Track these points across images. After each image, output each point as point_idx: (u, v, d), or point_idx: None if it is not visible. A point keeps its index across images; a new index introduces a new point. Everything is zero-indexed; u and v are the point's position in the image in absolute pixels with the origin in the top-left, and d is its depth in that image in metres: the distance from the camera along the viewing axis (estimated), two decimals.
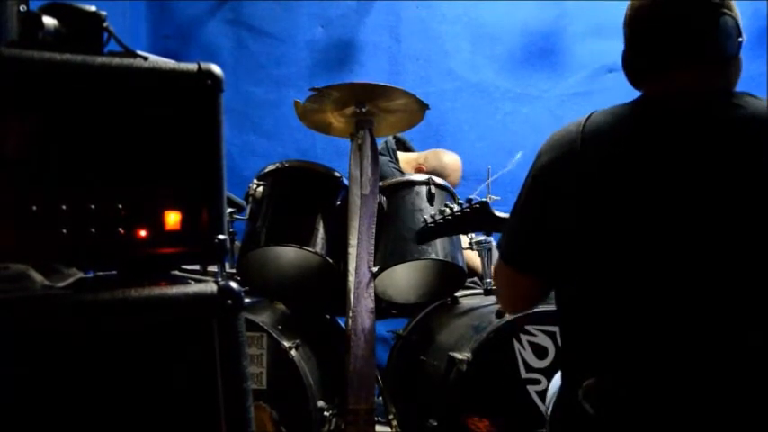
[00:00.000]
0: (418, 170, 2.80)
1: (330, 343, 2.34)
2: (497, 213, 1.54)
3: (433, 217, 1.58)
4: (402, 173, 2.68)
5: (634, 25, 1.11)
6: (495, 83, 3.76)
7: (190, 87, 0.89)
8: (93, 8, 0.90)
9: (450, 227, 1.58)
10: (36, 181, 0.82)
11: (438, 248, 2.02)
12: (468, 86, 3.76)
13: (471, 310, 2.11)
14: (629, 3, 1.13)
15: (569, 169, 1.05)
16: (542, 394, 1.71)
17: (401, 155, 2.91)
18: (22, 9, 0.88)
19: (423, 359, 2.09)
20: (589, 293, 1.06)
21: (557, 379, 1.38)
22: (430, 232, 1.63)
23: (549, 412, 1.30)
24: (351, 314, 1.87)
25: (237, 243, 2.22)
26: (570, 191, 1.05)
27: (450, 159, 2.90)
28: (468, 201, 1.55)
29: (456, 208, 1.55)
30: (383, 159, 2.67)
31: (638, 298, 1.00)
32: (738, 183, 0.97)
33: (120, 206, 0.85)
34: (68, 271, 0.83)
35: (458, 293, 2.29)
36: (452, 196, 2.21)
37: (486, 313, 1.95)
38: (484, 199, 1.57)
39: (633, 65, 1.13)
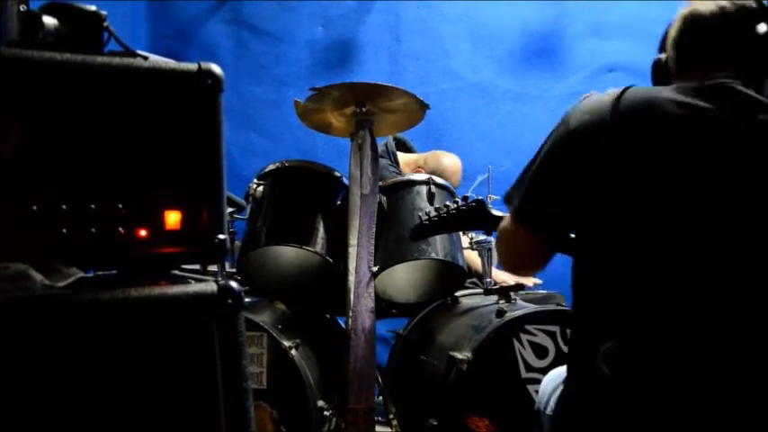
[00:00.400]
0: (417, 172, 2.79)
1: (330, 343, 2.34)
2: (494, 212, 1.53)
3: (428, 214, 1.58)
4: (402, 175, 2.67)
5: (696, 19, 1.13)
6: (495, 82, 3.76)
7: (190, 87, 0.89)
8: (93, 8, 0.90)
9: (445, 224, 1.58)
10: (36, 181, 0.82)
11: (438, 248, 2.02)
12: (468, 86, 3.76)
13: (471, 309, 2.11)
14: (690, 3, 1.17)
15: (595, 142, 1.06)
16: None
17: (401, 156, 2.91)
18: (22, 9, 0.88)
19: (423, 359, 2.09)
20: (610, 264, 1.07)
21: (550, 378, 1.39)
22: (425, 229, 1.62)
23: (546, 410, 1.30)
24: (351, 314, 1.87)
25: (237, 243, 2.22)
26: (594, 163, 1.06)
27: (450, 162, 2.89)
28: (465, 198, 1.55)
29: (452, 206, 1.55)
30: (383, 162, 2.67)
31: (659, 270, 1.02)
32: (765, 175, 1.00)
33: (120, 206, 0.85)
34: (68, 271, 0.83)
35: (458, 293, 2.29)
36: (452, 196, 2.21)
37: (486, 313, 1.95)
38: (480, 197, 1.57)
39: (680, 55, 1.15)
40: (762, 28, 1.09)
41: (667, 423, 0.97)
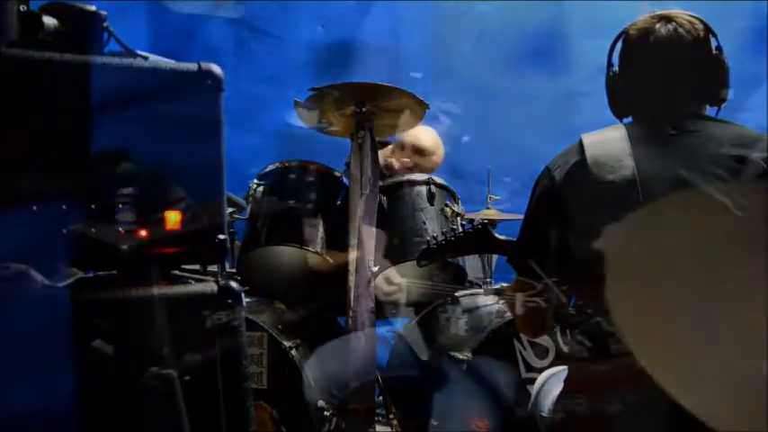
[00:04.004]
0: (402, 163, 2.60)
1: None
2: (498, 236, 1.56)
3: (435, 238, 1.62)
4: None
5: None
6: (495, 82, 3.76)
7: (190, 87, 0.89)
8: (93, 8, 0.90)
9: (452, 248, 1.61)
10: (36, 181, 0.82)
11: None
12: (468, 86, 3.76)
13: (471, 309, 2.11)
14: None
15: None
16: None
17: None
18: (22, 9, 0.88)
19: (423, 359, 2.09)
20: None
21: (543, 379, 1.39)
22: (433, 253, 1.65)
23: (543, 411, 1.30)
24: (351, 314, 1.87)
25: (237, 243, 2.22)
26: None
27: (428, 136, 2.67)
28: (471, 221, 1.59)
29: (459, 230, 1.59)
30: None
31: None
32: None
33: (120, 206, 0.85)
34: (68, 271, 0.83)
35: (458, 293, 2.29)
36: (452, 195, 2.21)
37: (486, 313, 1.95)
38: (485, 220, 1.60)
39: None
40: None
41: None
